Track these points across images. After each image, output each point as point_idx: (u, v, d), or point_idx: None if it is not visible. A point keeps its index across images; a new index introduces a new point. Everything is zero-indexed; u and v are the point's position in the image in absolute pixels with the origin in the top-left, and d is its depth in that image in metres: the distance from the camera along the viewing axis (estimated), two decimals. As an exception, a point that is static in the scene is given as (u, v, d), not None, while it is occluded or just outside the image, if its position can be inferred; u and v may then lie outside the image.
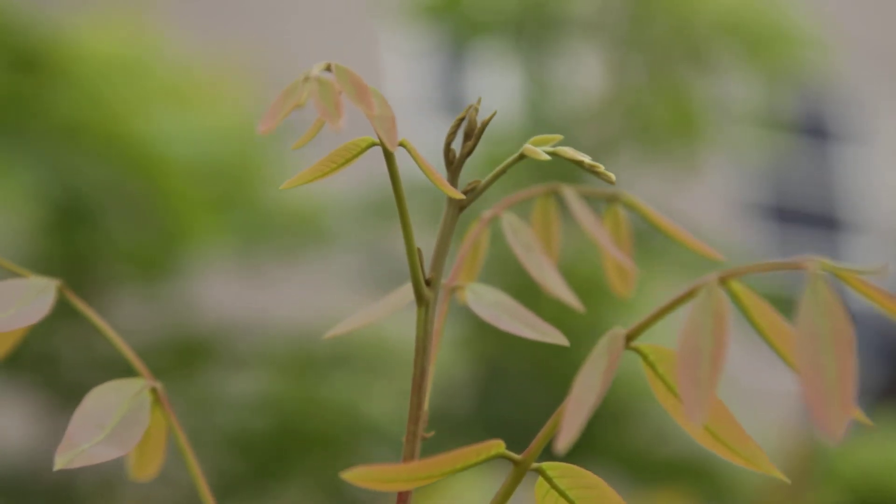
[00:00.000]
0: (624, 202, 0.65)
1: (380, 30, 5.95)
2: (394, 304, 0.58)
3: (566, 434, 0.42)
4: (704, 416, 0.41)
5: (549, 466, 0.51)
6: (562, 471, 0.51)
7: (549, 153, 0.54)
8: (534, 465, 0.51)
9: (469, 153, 0.55)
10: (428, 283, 0.55)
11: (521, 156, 0.54)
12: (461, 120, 0.55)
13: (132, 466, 0.64)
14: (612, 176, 0.54)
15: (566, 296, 0.61)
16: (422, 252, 0.54)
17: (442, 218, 0.55)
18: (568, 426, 0.42)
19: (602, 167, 0.54)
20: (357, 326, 0.57)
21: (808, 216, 7.34)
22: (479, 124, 0.55)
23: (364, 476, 0.45)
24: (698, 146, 3.75)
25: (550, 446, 0.51)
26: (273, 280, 3.65)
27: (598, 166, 0.54)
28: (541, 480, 0.52)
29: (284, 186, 0.51)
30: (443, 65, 6.14)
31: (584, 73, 3.84)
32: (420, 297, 0.55)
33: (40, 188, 3.01)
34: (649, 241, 3.08)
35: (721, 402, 0.49)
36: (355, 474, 0.45)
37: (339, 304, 3.20)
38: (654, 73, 3.73)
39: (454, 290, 0.59)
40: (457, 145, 0.55)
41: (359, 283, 3.56)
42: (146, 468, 0.63)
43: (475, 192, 0.55)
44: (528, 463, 0.51)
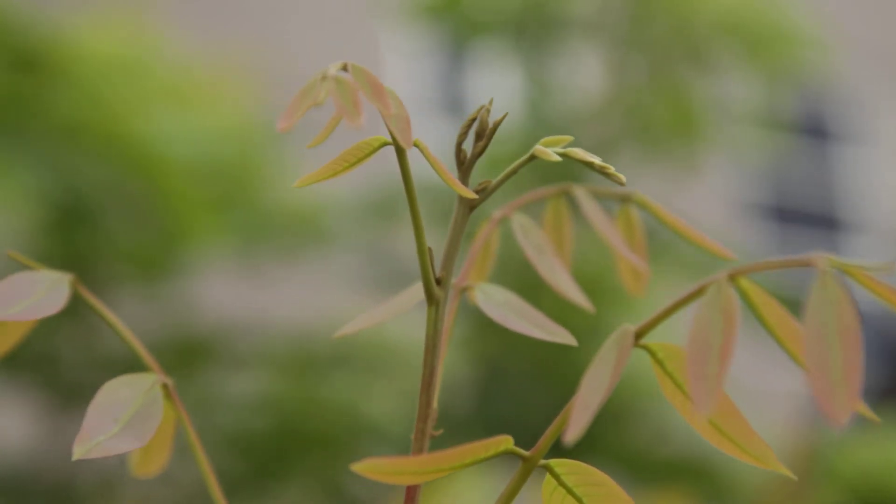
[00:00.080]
0: (636, 202, 0.65)
1: (380, 30, 5.95)
2: (404, 303, 0.58)
3: (575, 427, 0.43)
4: (713, 409, 0.41)
5: (557, 463, 0.51)
6: (569, 468, 0.51)
7: (559, 154, 0.54)
8: (541, 461, 0.51)
9: (480, 153, 0.55)
10: (438, 281, 0.55)
11: (532, 156, 0.55)
12: (473, 120, 0.55)
13: (135, 463, 0.64)
14: (622, 177, 0.54)
15: (577, 298, 0.61)
16: (432, 251, 0.55)
17: (452, 217, 0.55)
18: (577, 420, 0.43)
19: (612, 168, 0.54)
20: (366, 326, 0.58)
21: (808, 216, 7.34)
22: (491, 125, 0.55)
23: (374, 469, 0.45)
24: (698, 146, 3.75)
25: (555, 446, 0.51)
26: (273, 280, 3.66)
27: (608, 167, 0.54)
28: (548, 478, 0.52)
29: (297, 185, 0.51)
30: (443, 65, 6.14)
31: (584, 73, 3.84)
32: (430, 296, 0.55)
33: (40, 188, 3.01)
34: (652, 240, 3.07)
35: (728, 397, 0.49)
36: (365, 466, 0.45)
37: (339, 304, 3.20)
38: (655, 73, 3.73)
39: (464, 289, 0.60)
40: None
41: (359, 283, 3.56)
42: (150, 465, 0.63)
43: (486, 191, 0.55)
44: (536, 459, 0.51)
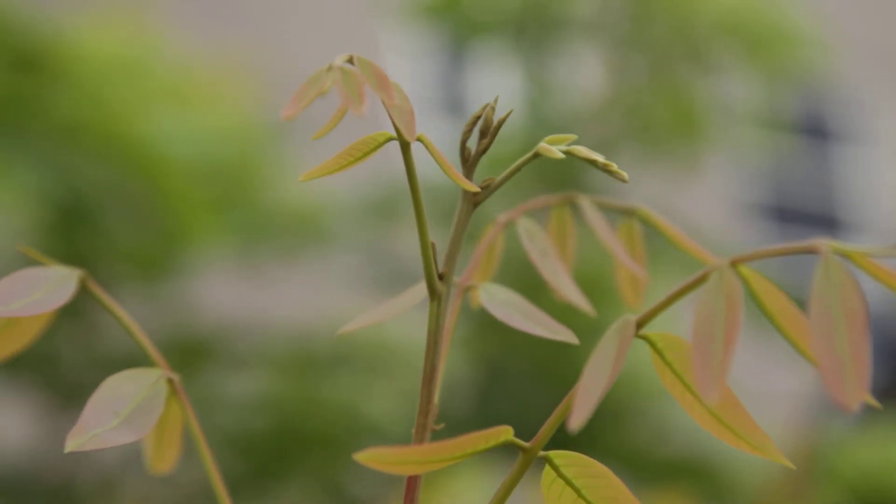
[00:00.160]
0: (639, 216, 0.65)
1: (380, 30, 5.95)
2: (406, 301, 0.59)
3: (579, 413, 0.43)
4: (718, 397, 0.41)
5: (557, 455, 0.51)
6: (568, 459, 0.51)
7: (563, 152, 0.55)
8: (541, 452, 0.51)
9: (485, 150, 0.56)
10: (441, 277, 0.55)
11: (536, 154, 0.55)
12: (477, 118, 0.56)
13: (150, 460, 0.64)
14: (625, 174, 0.54)
15: (579, 300, 0.62)
16: (435, 246, 0.55)
17: (455, 214, 0.56)
18: (580, 407, 0.43)
19: (615, 166, 0.54)
20: (370, 324, 0.58)
21: (808, 216, 7.34)
22: (496, 122, 0.56)
23: (376, 458, 0.46)
24: (699, 146, 3.75)
25: (554, 439, 0.51)
26: (273, 280, 3.66)
27: (611, 165, 0.54)
28: (547, 469, 0.52)
29: (302, 178, 0.51)
30: (443, 65, 6.14)
31: (584, 74, 3.85)
32: (433, 292, 0.55)
33: (41, 188, 3.02)
34: (650, 242, 3.07)
35: (729, 388, 0.49)
36: (367, 456, 0.45)
37: (339, 304, 3.20)
38: (655, 73, 3.73)
39: (468, 289, 0.60)
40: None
41: (359, 283, 3.56)
42: (164, 460, 0.64)
43: (490, 188, 0.56)
44: (535, 450, 0.51)
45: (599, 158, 0.54)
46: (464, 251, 0.56)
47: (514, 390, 3.44)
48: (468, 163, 0.56)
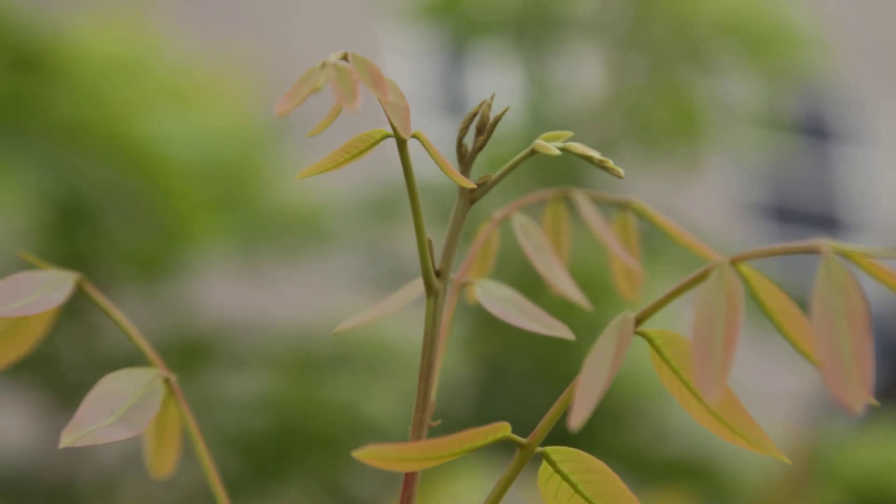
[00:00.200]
0: (634, 209, 0.65)
1: (380, 30, 5.95)
2: (404, 298, 0.59)
3: (580, 410, 0.42)
4: (719, 395, 0.41)
5: (554, 450, 0.51)
6: (566, 455, 0.51)
7: (559, 149, 0.55)
8: (538, 448, 0.51)
9: (481, 147, 0.56)
10: (437, 273, 0.55)
11: (532, 151, 0.55)
12: (474, 115, 0.56)
13: (151, 463, 0.64)
14: (621, 171, 0.54)
15: (575, 296, 0.61)
16: (432, 243, 0.55)
17: (452, 211, 0.56)
18: (580, 405, 0.42)
19: (611, 162, 0.54)
20: (368, 321, 0.58)
21: (808, 216, 7.34)
22: (492, 120, 0.56)
23: (374, 455, 0.45)
24: (699, 146, 3.75)
25: (554, 439, 0.51)
26: (273, 280, 3.66)
27: (607, 161, 0.54)
28: (544, 465, 0.51)
29: (300, 176, 0.51)
30: (443, 65, 6.14)
31: (584, 74, 3.85)
32: (430, 288, 0.55)
33: (41, 188, 3.01)
34: (649, 240, 3.08)
35: (727, 386, 0.48)
36: (366, 453, 0.45)
37: (339, 304, 3.20)
38: (655, 73, 3.73)
39: (464, 285, 0.60)
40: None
41: (359, 283, 3.56)
42: (164, 462, 0.64)
43: (486, 185, 0.56)
44: (533, 446, 0.51)
45: (595, 155, 0.54)
46: (461, 248, 0.56)
47: (514, 390, 3.44)
48: (465, 160, 0.56)
